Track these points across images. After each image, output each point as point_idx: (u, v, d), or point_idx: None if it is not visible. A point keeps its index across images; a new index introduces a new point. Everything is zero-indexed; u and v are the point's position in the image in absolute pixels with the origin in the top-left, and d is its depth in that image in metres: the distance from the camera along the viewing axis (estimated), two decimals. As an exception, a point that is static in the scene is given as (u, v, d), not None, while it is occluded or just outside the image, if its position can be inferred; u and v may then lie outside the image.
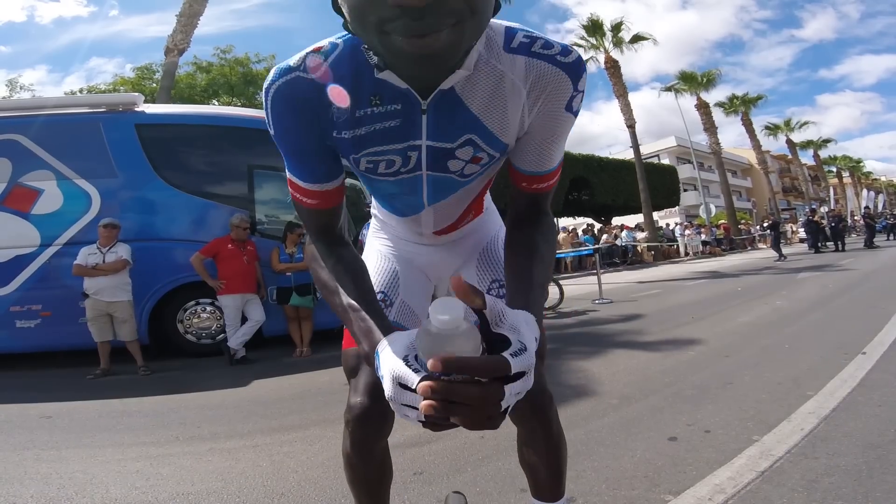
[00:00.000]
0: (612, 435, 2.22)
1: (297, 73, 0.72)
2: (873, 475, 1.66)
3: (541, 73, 0.74)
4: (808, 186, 40.17)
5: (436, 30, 0.54)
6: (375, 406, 0.92)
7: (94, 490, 1.98)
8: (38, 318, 4.68)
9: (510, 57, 0.74)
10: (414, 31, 0.53)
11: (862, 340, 3.51)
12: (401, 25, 0.53)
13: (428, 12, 0.52)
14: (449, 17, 0.54)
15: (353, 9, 0.56)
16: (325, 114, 0.75)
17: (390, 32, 0.55)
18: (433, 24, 0.53)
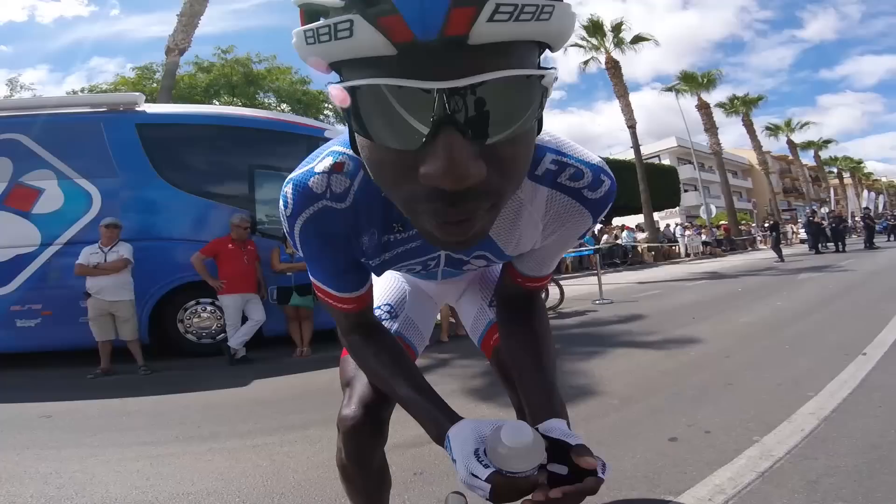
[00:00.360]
0: (612, 435, 2.22)
1: (323, 202, 0.68)
2: (874, 476, 1.66)
3: (562, 208, 0.71)
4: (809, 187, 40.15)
5: (471, 217, 0.47)
6: (368, 418, 0.92)
7: (94, 489, 1.98)
8: (38, 318, 4.68)
9: (532, 186, 0.69)
10: (447, 218, 0.47)
11: (862, 341, 3.51)
12: (432, 209, 0.46)
13: (465, 196, 0.44)
14: (487, 200, 0.47)
15: (378, 176, 0.49)
16: (356, 243, 0.74)
17: (420, 213, 0.48)
18: (470, 209, 0.46)
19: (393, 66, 0.39)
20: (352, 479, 1.00)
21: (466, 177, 0.41)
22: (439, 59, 0.38)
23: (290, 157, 5.34)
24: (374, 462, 1.00)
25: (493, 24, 0.37)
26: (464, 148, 0.41)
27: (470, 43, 0.38)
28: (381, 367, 0.80)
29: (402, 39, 0.38)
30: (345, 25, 0.38)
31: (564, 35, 0.44)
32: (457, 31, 0.37)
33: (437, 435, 0.68)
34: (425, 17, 0.37)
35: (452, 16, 0.36)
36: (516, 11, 0.37)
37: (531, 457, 0.54)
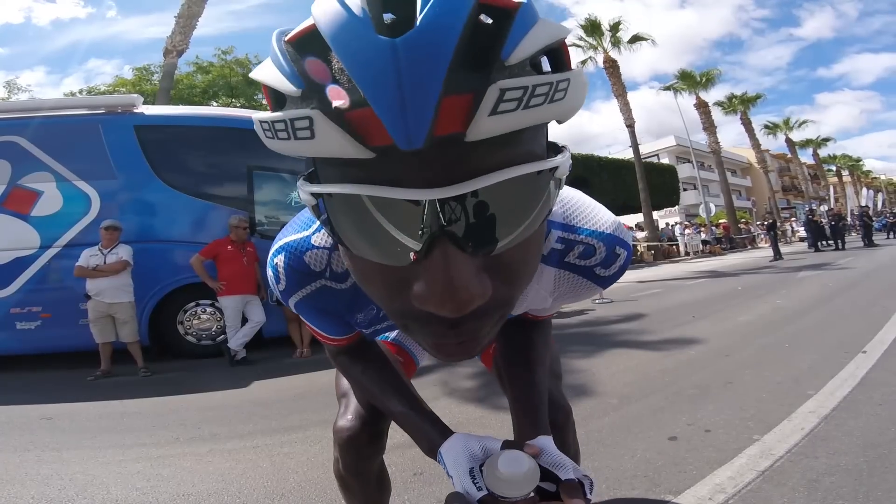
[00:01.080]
0: (612, 435, 2.22)
1: (322, 281, 0.63)
2: (874, 474, 1.66)
3: (572, 285, 0.66)
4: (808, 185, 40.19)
5: (475, 336, 0.39)
6: (365, 429, 0.91)
7: (95, 491, 1.98)
8: (38, 320, 4.68)
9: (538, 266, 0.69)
10: (447, 340, 0.40)
11: (862, 339, 3.51)
12: (429, 331, 0.39)
13: (469, 318, 0.37)
14: (494, 316, 0.39)
15: (362, 286, 0.41)
16: (350, 317, 0.72)
17: (415, 332, 0.41)
18: (473, 330, 0.38)
19: (371, 169, 0.31)
20: (350, 488, 0.99)
21: (469, 301, 0.34)
22: (428, 161, 0.30)
23: (288, 158, 5.31)
24: (373, 471, 0.99)
25: (497, 117, 0.28)
26: (464, 266, 0.33)
27: (468, 140, 0.29)
28: (370, 383, 0.79)
29: (378, 143, 0.29)
30: (303, 124, 0.30)
31: (577, 107, 0.35)
32: (450, 129, 0.28)
33: (430, 450, 0.68)
34: (408, 119, 0.27)
35: (444, 109, 0.27)
36: (526, 96, 0.29)
37: (525, 485, 0.55)
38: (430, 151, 0.29)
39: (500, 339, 0.86)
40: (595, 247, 0.62)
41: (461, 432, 0.66)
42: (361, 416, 0.92)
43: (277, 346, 4.97)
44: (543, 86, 0.29)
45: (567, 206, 0.64)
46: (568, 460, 0.59)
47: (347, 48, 0.28)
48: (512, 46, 0.29)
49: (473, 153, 0.30)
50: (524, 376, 0.75)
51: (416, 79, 0.27)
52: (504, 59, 0.29)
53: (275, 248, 0.66)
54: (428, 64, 0.27)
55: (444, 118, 0.28)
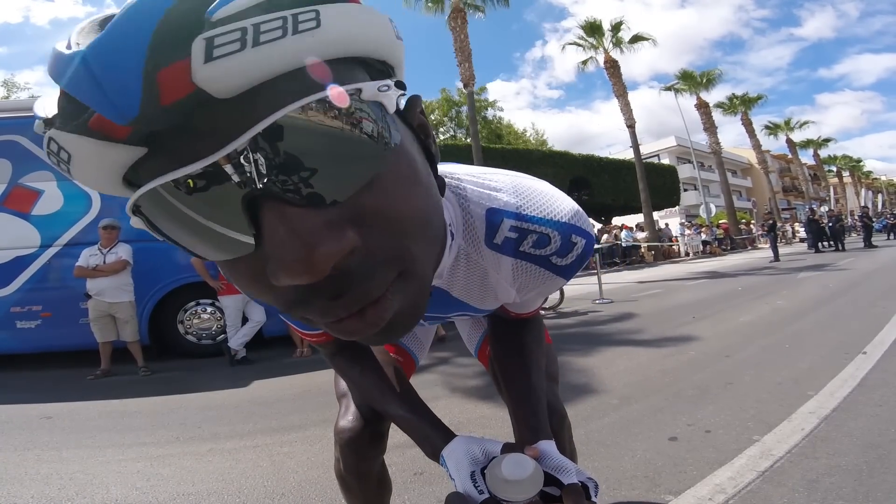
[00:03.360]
0: (612, 435, 2.22)
1: None
2: (874, 475, 1.66)
3: (532, 276, 0.65)
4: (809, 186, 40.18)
5: (377, 298, 0.34)
6: (366, 430, 0.91)
7: (95, 490, 1.99)
8: (38, 319, 4.68)
9: (493, 255, 0.62)
10: (340, 314, 0.34)
11: (862, 340, 3.51)
12: (316, 311, 0.34)
13: (347, 279, 0.32)
14: (385, 271, 0.34)
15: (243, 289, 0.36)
16: None
17: (309, 318, 0.36)
18: (362, 293, 0.33)
19: (151, 161, 0.30)
20: (352, 488, 0.99)
21: (323, 259, 0.29)
22: (195, 131, 0.28)
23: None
24: (374, 471, 0.99)
25: (220, 62, 0.26)
26: (302, 222, 0.29)
27: (220, 96, 0.27)
28: (369, 386, 0.78)
29: (122, 134, 0.28)
30: (53, 147, 0.30)
31: (367, 39, 0.33)
32: (179, 94, 0.27)
33: (432, 453, 0.67)
34: (108, 95, 0.27)
35: (163, 80, 0.27)
36: (248, 36, 0.27)
37: (529, 488, 0.55)
38: (188, 123, 0.28)
39: (493, 341, 0.85)
40: (549, 235, 0.61)
41: (463, 435, 0.66)
42: (362, 416, 0.92)
43: (278, 345, 4.97)
44: (271, 21, 0.28)
45: (521, 194, 0.62)
46: (571, 464, 0.59)
47: (53, 73, 0.29)
48: (220, 6, 0.28)
49: (238, 109, 0.28)
50: (521, 379, 0.74)
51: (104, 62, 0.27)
52: (210, 17, 0.28)
53: None
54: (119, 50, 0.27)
55: (167, 87, 0.27)
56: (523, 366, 0.76)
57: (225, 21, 0.28)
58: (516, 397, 0.73)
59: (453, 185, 0.61)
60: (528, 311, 0.80)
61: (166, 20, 0.27)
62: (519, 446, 0.61)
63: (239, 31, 0.27)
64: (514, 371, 0.76)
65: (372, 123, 0.31)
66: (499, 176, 0.64)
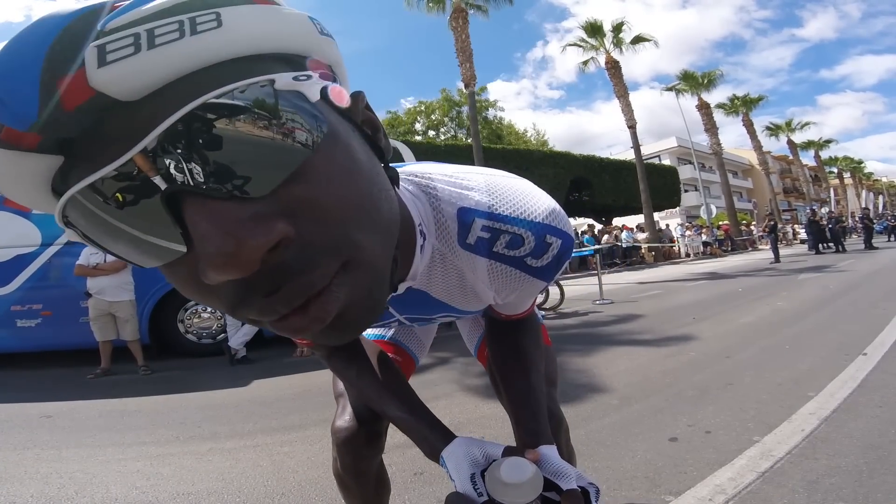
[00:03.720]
0: (612, 435, 2.22)
1: None
2: (874, 476, 1.66)
3: (508, 278, 0.63)
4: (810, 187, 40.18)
5: (317, 292, 0.32)
6: (362, 429, 0.90)
7: (95, 490, 1.99)
8: (38, 318, 4.68)
9: (468, 255, 0.60)
10: (278, 311, 0.32)
11: (863, 341, 3.51)
12: (255, 310, 0.33)
13: (279, 274, 0.31)
14: (323, 262, 0.32)
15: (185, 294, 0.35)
16: None
17: (253, 319, 0.34)
18: (301, 285, 0.31)
19: (71, 171, 0.30)
20: (349, 488, 0.99)
21: (250, 250, 0.28)
22: (106, 136, 0.28)
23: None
24: (372, 471, 0.99)
25: (117, 65, 0.27)
26: (224, 215, 0.28)
27: (126, 99, 0.28)
28: (367, 387, 0.78)
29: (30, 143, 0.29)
30: None
31: (289, 37, 0.33)
32: (81, 98, 0.27)
33: (431, 454, 0.67)
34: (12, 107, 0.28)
35: (64, 86, 0.27)
36: (141, 41, 0.27)
37: (528, 493, 0.54)
38: (99, 126, 0.28)
39: (490, 343, 0.84)
40: (522, 236, 0.58)
41: (463, 436, 0.65)
42: (359, 416, 0.91)
43: (278, 345, 4.97)
44: (167, 25, 0.28)
45: (494, 193, 0.59)
46: (571, 469, 0.58)
47: None
48: (112, 18, 0.28)
49: (148, 110, 0.28)
50: (520, 382, 0.74)
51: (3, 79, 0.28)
52: (103, 28, 0.28)
53: None
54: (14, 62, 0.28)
55: (69, 93, 0.27)
56: (522, 369, 0.75)
57: (118, 30, 0.28)
58: (516, 401, 0.72)
59: (424, 184, 0.59)
60: (518, 313, 0.78)
61: (62, 37, 0.28)
62: (520, 450, 0.61)
63: (132, 36, 0.27)
64: (512, 374, 0.75)
65: (288, 113, 0.30)
66: (473, 175, 0.62)
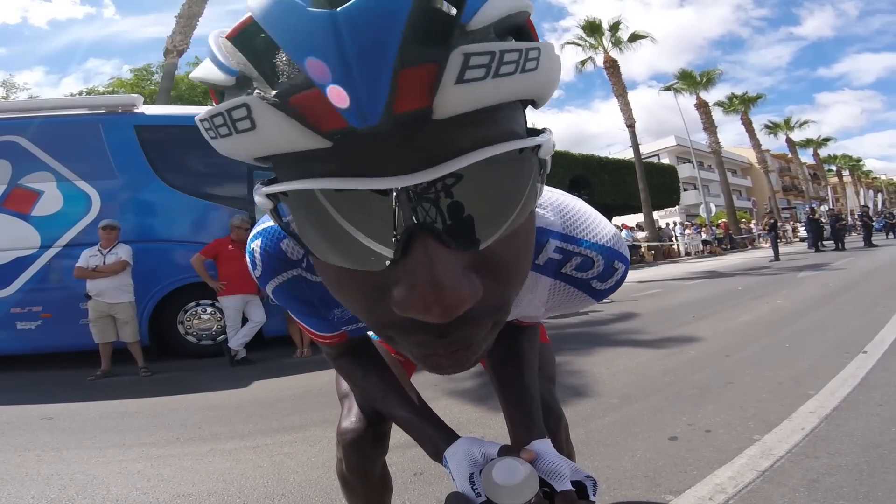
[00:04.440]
0: (612, 435, 2.22)
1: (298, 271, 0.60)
2: (874, 474, 1.66)
3: (566, 297, 0.64)
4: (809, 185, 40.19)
5: (468, 345, 0.34)
6: (369, 430, 0.90)
7: (96, 491, 1.99)
8: (38, 320, 4.68)
9: (533, 275, 0.60)
10: (435, 351, 0.34)
11: (863, 339, 3.51)
12: (414, 342, 0.34)
13: (456, 324, 0.32)
14: (487, 321, 0.34)
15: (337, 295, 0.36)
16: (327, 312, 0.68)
17: (400, 344, 0.36)
18: (465, 338, 0.34)
19: (329, 160, 0.27)
20: (354, 489, 0.99)
21: (458, 304, 0.29)
22: (394, 145, 0.26)
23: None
24: (376, 471, 0.99)
25: (465, 86, 0.25)
26: (450, 263, 0.29)
27: (437, 118, 0.26)
28: (373, 388, 0.78)
29: (333, 126, 0.25)
30: (241, 113, 0.26)
31: (553, 85, 0.32)
32: (413, 105, 0.25)
33: (435, 454, 0.68)
34: (358, 92, 0.24)
35: (402, 81, 0.24)
36: (494, 63, 0.25)
37: (523, 493, 0.54)
38: (394, 134, 0.26)
39: None
40: (593, 259, 0.60)
41: (466, 436, 0.66)
42: (365, 417, 0.91)
43: (278, 346, 4.97)
44: (512, 52, 0.26)
45: (567, 215, 0.61)
46: (566, 465, 0.59)
47: (282, 27, 0.25)
48: (472, 11, 0.26)
49: (445, 133, 0.27)
50: (514, 380, 0.74)
51: (362, 48, 0.23)
52: (465, 25, 0.26)
53: (253, 232, 0.62)
54: (375, 33, 0.23)
55: (405, 92, 0.24)
56: (516, 367, 0.76)
57: (479, 36, 0.26)
58: (510, 398, 0.73)
59: None
60: (532, 321, 0.79)
61: (419, 4, 0.24)
62: (515, 448, 0.61)
63: (489, 55, 0.25)
64: (507, 372, 0.76)
65: (536, 173, 0.31)
66: None
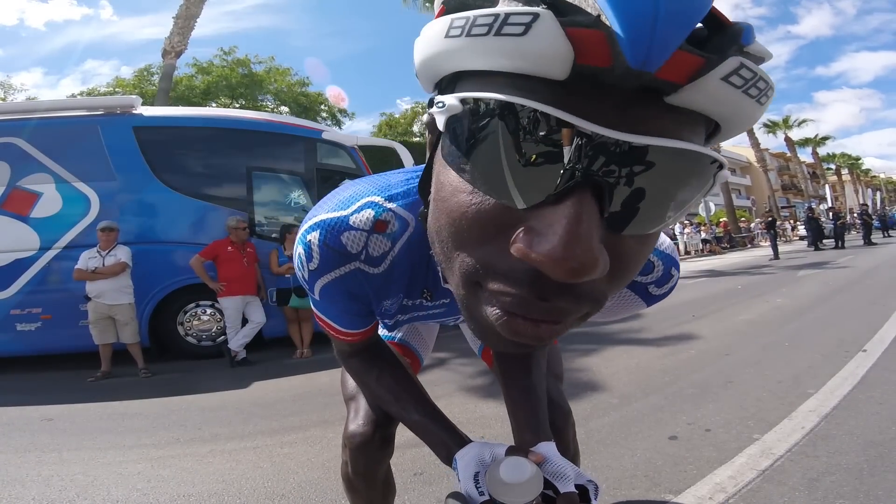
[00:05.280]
0: (612, 434, 2.22)
1: (356, 264, 0.58)
2: (874, 473, 1.66)
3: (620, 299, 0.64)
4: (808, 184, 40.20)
5: (559, 321, 0.34)
6: (377, 433, 0.91)
7: (96, 492, 1.98)
8: (38, 322, 4.68)
9: None
10: (527, 312, 0.33)
11: (862, 338, 3.51)
12: (510, 296, 0.32)
13: (562, 292, 0.32)
14: (585, 305, 0.34)
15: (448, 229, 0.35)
16: (376, 304, 0.68)
17: (485, 297, 0.34)
18: (561, 312, 0.33)
19: (546, 91, 0.28)
20: (358, 491, 0.99)
21: (591, 268, 0.29)
22: (616, 101, 0.28)
23: (287, 159, 5.34)
24: (381, 473, 1.00)
25: (724, 85, 0.28)
26: (595, 227, 0.29)
27: (668, 101, 0.29)
28: (386, 391, 0.78)
29: (591, 62, 0.27)
30: (523, 19, 0.28)
31: (747, 127, 0.35)
32: (671, 77, 0.28)
33: (447, 458, 0.68)
34: (654, 39, 0.26)
35: (678, 58, 0.27)
36: (751, 81, 0.29)
37: (527, 492, 0.55)
38: (625, 94, 0.28)
39: None
40: (654, 264, 0.62)
41: (477, 440, 0.66)
42: (373, 420, 0.91)
43: (277, 346, 4.96)
44: (763, 81, 0.30)
45: None
46: (570, 468, 0.59)
47: None
48: (749, 40, 0.30)
49: (668, 117, 0.29)
50: (521, 380, 0.74)
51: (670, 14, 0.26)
52: (745, 45, 0.30)
53: (308, 224, 0.60)
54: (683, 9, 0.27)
55: (673, 65, 0.27)
56: (524, 367, 0.76)
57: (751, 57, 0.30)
58: (516, 398, 0.73)
59: None
60: None
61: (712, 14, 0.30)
62: (521, 448, 0.62)
63: (752, 73, 0.29)
64: (514, 372, 0.76)
65: (700, 195, 0.33)
66: None
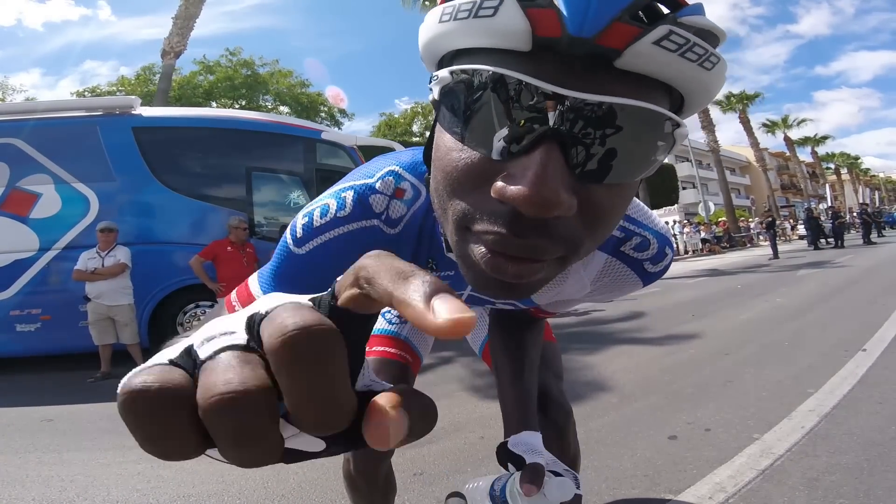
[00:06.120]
0: (612, 434, 2.23)
1: (377, 221, 0.61)
2: (874, 473, 1.66)
3: (616, 275, 0.66)
4: (807, 183, 40.22)
5: (536, 258, 0.38)
6: None
7: (96, 492, 1.98)
8: (37, 322, 4.67)
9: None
10: (505, 249, 0.37)
11: (862, 337, 3.51)
12: (490, 234, 0.37)
13: (537, 231, 0.36)
14: (559, 247, 0.38)
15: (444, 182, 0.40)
16: None
17: (472, 237, 0.39)
18: (537, 249, 0.37)
19: (518, 62, 0.35)
20: (359, 489, 1.00)
21: (554, 203, 0.33)
22: (575, 69, 0.34)
23: (286, 159, 5.35)
24: (382, 472, 1.00)
25: (657, 48, 0.33)
26: (561, 170, 0.34)
27: (617, 65, 0.33)
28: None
29: (546, 34, 0.33)
30: (493, 3, 0.34)
31: (711, 94, 0.39)
32: (611, 43, 0.33)
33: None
34: (588, 11, 0.32)
35: (613, 28, 0.32)
36: (686, 46, 0.33)
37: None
38: (579, 60, 0.33)
39: (492, 332, 0.86)
40: (650, 242, 0.64)
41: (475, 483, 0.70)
42: None
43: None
44: (700, 48, 0.34)
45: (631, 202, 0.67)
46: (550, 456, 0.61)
47: None
48: (686, 14, 0.34)
49: (620, 79, 0.34)
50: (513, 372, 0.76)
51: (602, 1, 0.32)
52: (678, 18, 0.34)
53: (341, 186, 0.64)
54: None
55: (611, 34, 0.32)
56: (518, 359, 0.77)
57: (685, 27, 0.34)
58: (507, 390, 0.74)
59: None
60: (552, 313, 0.80)
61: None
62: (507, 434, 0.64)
63: (685, 39, 0.33)
64: (508, 363, 0.78)
65: (660, 153, 0.38)
66: None
